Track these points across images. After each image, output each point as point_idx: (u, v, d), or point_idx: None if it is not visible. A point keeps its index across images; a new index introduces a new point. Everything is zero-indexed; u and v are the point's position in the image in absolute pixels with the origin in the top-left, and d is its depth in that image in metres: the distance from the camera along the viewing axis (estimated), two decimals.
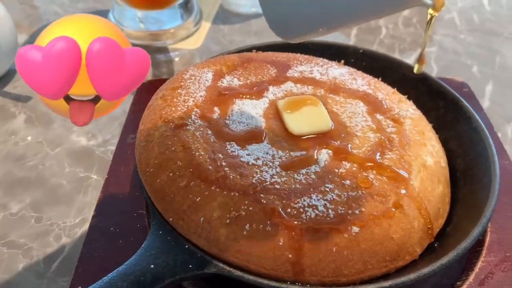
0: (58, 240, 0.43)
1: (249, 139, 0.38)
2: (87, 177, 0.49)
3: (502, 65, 0.65)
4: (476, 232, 0.34)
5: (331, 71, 0.47)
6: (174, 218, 0.34)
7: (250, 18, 0.75)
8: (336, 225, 0.33)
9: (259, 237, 0.32)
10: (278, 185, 0.34)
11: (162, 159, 0.36)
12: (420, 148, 0.39)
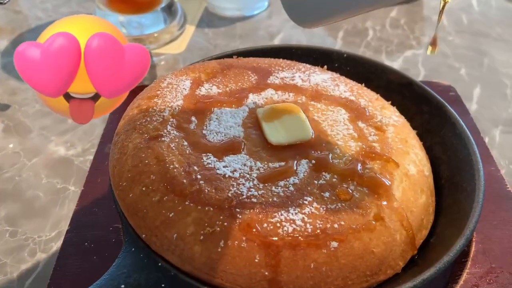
0: (33, 255, 0.41)
1: (226, 150, 0.37)
2: (64, 189, 0.47)
3: (490, 67, 0.64)
4: (459, 244, 0.33)
5: (313, 77, 0.45)
6: (147, 235, 0.33)
7: (235, 21, 0.74)
8: (314, 240, 0.31)
9: (234, 253, 0.31)
10: (255, 198, 0.33)
11: (135, 172, 0.35)
12: (403, 157, 0.38)
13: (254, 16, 0.76)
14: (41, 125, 0.55)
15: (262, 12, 0.77)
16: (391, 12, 0.77)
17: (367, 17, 0.75)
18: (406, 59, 0.66)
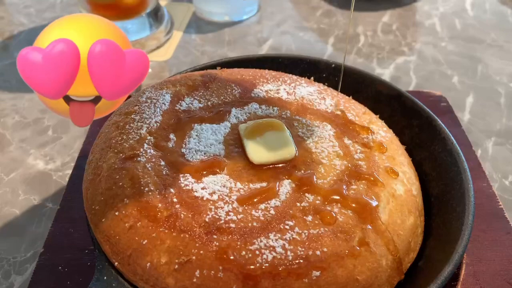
0: (7, 277, 0.40)
1: (205, 170, 0.35)
2: (41, 206, 0.46)
3: (484, 74, 0.62)
4: (447, 271, 0.31)
5: (298, 90, 0.44)
6: (120, 263, 0.31)
7: (223, 26, 0.72)
8: (296, 269, 0.30)
9: (210, 284, 0.29)
10: (234, 223, 0.32)
11: (109, 196, 0.33)
12: (389, 176, 0.36)
13: (243, 21, 0.74)
14: (20, 137, 0.53)
15: (251, 17, 0.75)
16: (383, 17, 0.75)
17: (359, 22, 0.74)
18: (398, 66, 0.64)
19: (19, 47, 0.67)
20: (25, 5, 0.78)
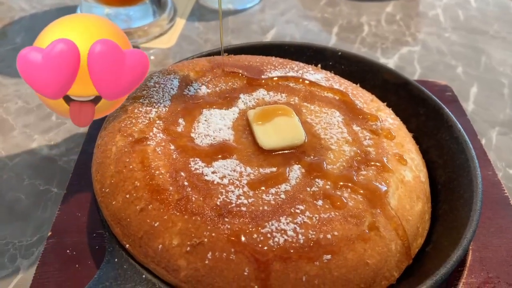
0: (13, 261, 0.40)
1: (215, 154, 0.35)
2: (47, 190, 0.45)
3: (487, 65, 0.63)
4: (457, 255, 0.32)
5: (306, 77, 0.44)
6: (131, 245, 0.31)
7: (227, 14, 0.72)
8: (307, 252, 0.30)
9: (222, 266, 0.29)
10: (245, 207, 0.32)
11: (119, 178, 0.33)
12: (398, 163, 0.37)
13: (247, 9, 0.74)
14: (24, 122, 0.53)
15: (254, 6, 0.74)
16: (387, 7, 0.75)
17: (363, 12, 0.74)
18: (402, 56, 0.64)
19: (19, 33, 0.66)
20: None
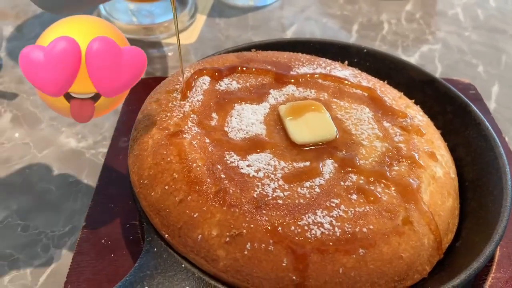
0: (46, 250, 0.40)
1: (249, 148, 0.36)
2: (76, 182, 0.46)
3: (508, 65, 0.63)
4: (488, 250, 0.32)
5: (334, 73, 0.44)
6: (170, 235, 0.32)
7: (247, 11, 0.73)
8: (343, 244, 0.31)
9: (261, 257, 0.30)
10: (281, 200, 0.32)
11: (157, 170, 0.34)
12: (429, 159, 0.37)
13: (266, 6, 0.74)
14: (51, 115, 0.53)
15: (274, 3, 0.75)
16: (406, 5, 0.75)
17: (382, 10, 0.74)
18: (423, 54, 0.65)
19: None
20: None
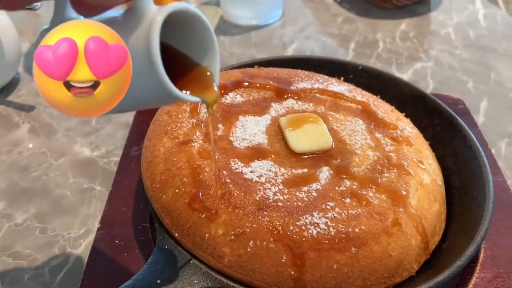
0: (63, 251, 0.44)
1: (252, 156, 0.39)
2: (90, 188, 0.49)
3: (497, 81, 0.66)
4: (471, 250, 0.35)
5: (331, 88, 0.48)
6: (180, 234, 0.35)
7: (250, 30, 0.77)
8: (337, 243, 0.34)
9: (262, 253, 0.33)
10: (281, 202, 0.35)
11: (168, 175, 0.37)
12: (417, 167, 0.40)
13: (269, 25, 0.78)
14: (66, 126, 0.57)
15: (276, 22, 0.79)
16: (400, 25, 0.79)
17: (378, 29, 0.78)
18: (416, 71, 0.68)
19: None
20: None
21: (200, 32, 0.27)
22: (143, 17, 0.25)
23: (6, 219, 0.46)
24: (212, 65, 0.28)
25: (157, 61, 0.24)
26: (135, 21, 0.25)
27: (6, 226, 0.45)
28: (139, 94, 0.26)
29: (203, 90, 0.28)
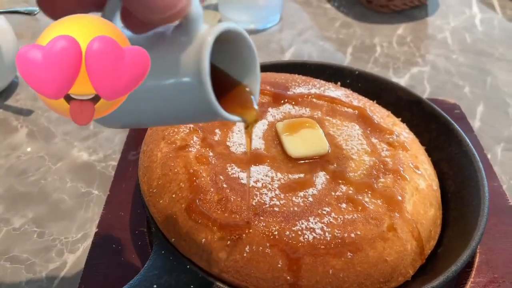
0: (60, 255, 0.44)
1: (249, 161, 0.39)
2: (88, 193, 0.50)
3: (493, 86, 0.67)
4: (466, 255, 0.35)
5: (327, 93, 0.48)
6: (176, 239, 0.35)
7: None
8: (333, 248, 0.34)
9: (258, 259, 0.33)
10: (277, 207, 0.36)
11: (165, 180, 0.37)
12: (413, 172, 0.41)
13: (267, 29, 0.79)
14: (64, 130, 0.57)
15: (274, 26, 0.79)
16: (397, 29, 0.80)
17: (375, 33, 0.78)
18: (412, 76, 0.69)
19: None
20: None
21: (244, 51, 0.27)
22: (194, 36, 0.24)
23: (4, 224, 0.46)
24: (253, 84, 0.28)
25: (206, 81, 0.23)
26: (184, 38, 0.24)
27: (4, 231, 0.46)
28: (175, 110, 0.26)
29: (243, 109, 0.28)
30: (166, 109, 0.26)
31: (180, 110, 0.26)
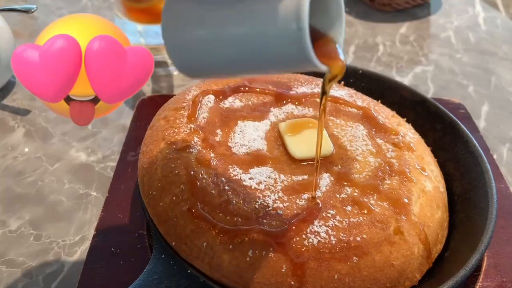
0: (58, 258, 0.43)
1: (251, 162, 0.38)
2: (86, 194, 0.48)
3: (497, 85, 0.66)
4: (474, 259, 0.34)
5: (331, 93, 0.47)
6: (177, 242, 0.34)
7: None
8: (338, 252, 0.33)
9: (261, 263, 0.32)
10: (281, 210, 0.35)
11: (165, 182, 0.36)
12: (420, 174, 0.40)
13: None
14: (62, 130, 0.56)
15: None
16: (400, 28, 0.79)
17: (377, 32, 0.77)
18: (416, 75, 0.68)
19: None
20: (57, 7, 0.81)
21: (330, 3, 0.27)
22: None
23: (1, 226, 0.45)
24: (338, 36, 0.28)
25: (304, 27, 0.23)
26: None
27: (0, 233, 0.45)
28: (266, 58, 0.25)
29: (329, 60, 0.27)
30: (257, 56, 0.26)
31: (270, 59, 0.25)
